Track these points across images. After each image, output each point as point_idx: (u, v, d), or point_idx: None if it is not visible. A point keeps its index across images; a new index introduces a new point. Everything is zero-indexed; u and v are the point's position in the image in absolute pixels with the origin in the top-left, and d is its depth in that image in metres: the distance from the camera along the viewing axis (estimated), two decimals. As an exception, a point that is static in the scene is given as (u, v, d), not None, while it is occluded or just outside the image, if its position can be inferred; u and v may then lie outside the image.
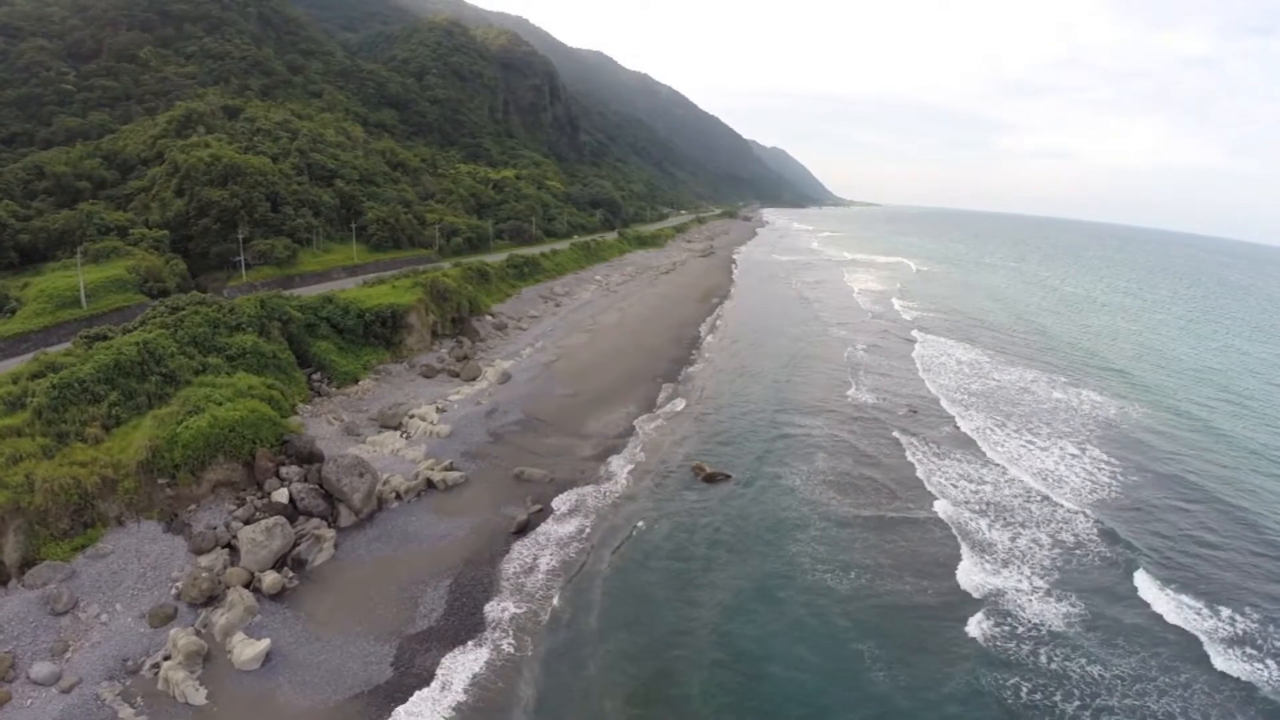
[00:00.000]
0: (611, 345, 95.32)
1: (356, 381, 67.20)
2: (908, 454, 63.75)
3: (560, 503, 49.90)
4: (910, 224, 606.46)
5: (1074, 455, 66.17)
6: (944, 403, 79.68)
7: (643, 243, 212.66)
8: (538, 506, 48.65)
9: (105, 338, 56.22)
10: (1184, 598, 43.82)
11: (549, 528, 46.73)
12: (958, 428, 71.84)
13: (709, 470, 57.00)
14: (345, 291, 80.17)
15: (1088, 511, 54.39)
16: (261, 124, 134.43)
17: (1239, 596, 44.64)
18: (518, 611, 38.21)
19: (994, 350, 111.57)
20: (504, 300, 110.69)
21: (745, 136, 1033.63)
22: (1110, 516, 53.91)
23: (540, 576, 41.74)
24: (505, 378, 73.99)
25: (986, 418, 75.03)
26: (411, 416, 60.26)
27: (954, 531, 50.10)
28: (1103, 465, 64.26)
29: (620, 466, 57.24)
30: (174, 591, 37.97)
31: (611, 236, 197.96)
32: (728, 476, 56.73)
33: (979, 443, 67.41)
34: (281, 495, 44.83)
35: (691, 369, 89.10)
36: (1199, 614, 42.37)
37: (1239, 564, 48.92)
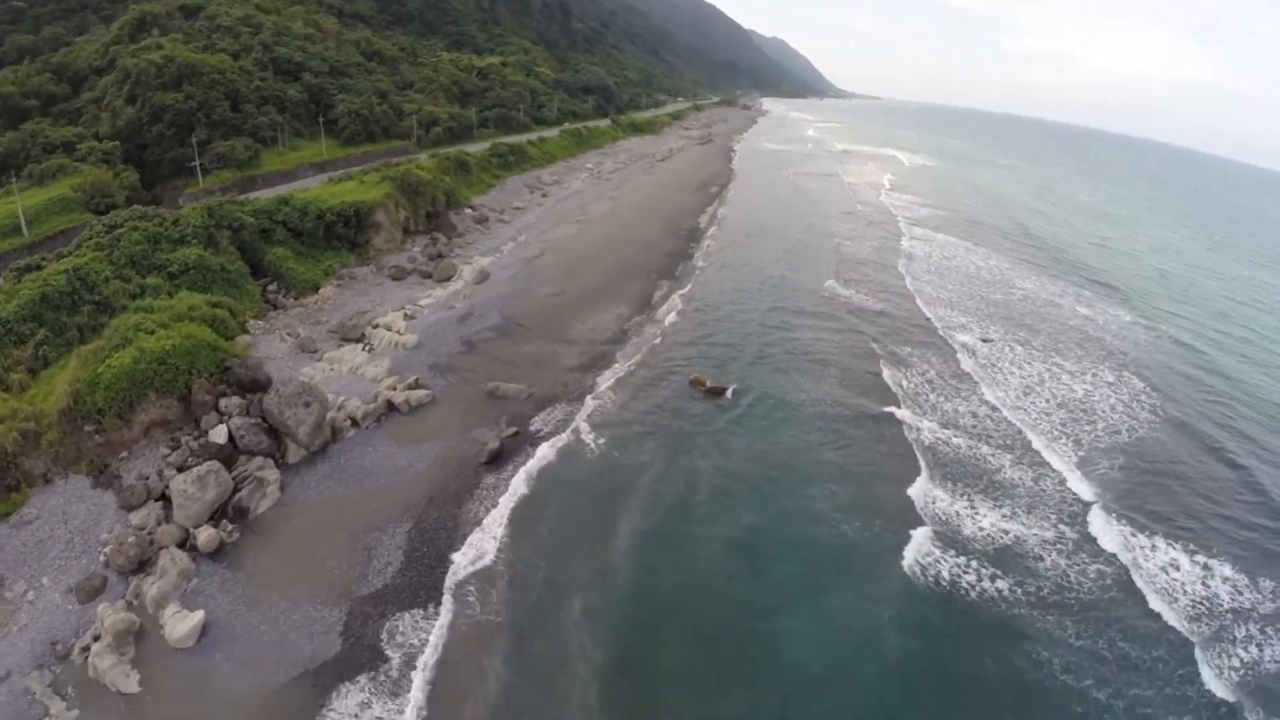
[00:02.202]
0: (602, 238, 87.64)
1: (316, 290, 61.04)
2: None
3: (539, 424, 44.53)
4: (911, 119, 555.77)
5: (1055, 363, 64.14)
6: (957, 314, 74.63)
7: (638, 130, 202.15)
8: (513, 430, 43.18)
9: (38, 268, 50.68)
10: (1138, 537, 40.69)
11: (525, 456, 41.45)
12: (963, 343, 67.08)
13: (709, 383, 51.48)
14: (305, 191, 72.77)
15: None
16: (222, 21, 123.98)
17: (1192, 536, 41.54)
18: (486, 564, 33.44)
19: (986, 247, 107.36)
20: (485, 192, 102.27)
21: (745, 26, 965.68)
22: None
23: (513, 519, 36.69)
24: (483, 277, 67.23)
25: (987, 326, 71.93)
26: (375, 326, 54.40)
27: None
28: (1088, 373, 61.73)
29: (609, 378, 51.65)
30: (103, 558, 33.66)
31: (605, 123, 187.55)
32: (728, 389, 51.59)
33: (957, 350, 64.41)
34: (219, 434, 39.60)
35: (689, 264, 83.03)
36: (1145, 551, 39.73)
37: (1203, 506, 44.96)
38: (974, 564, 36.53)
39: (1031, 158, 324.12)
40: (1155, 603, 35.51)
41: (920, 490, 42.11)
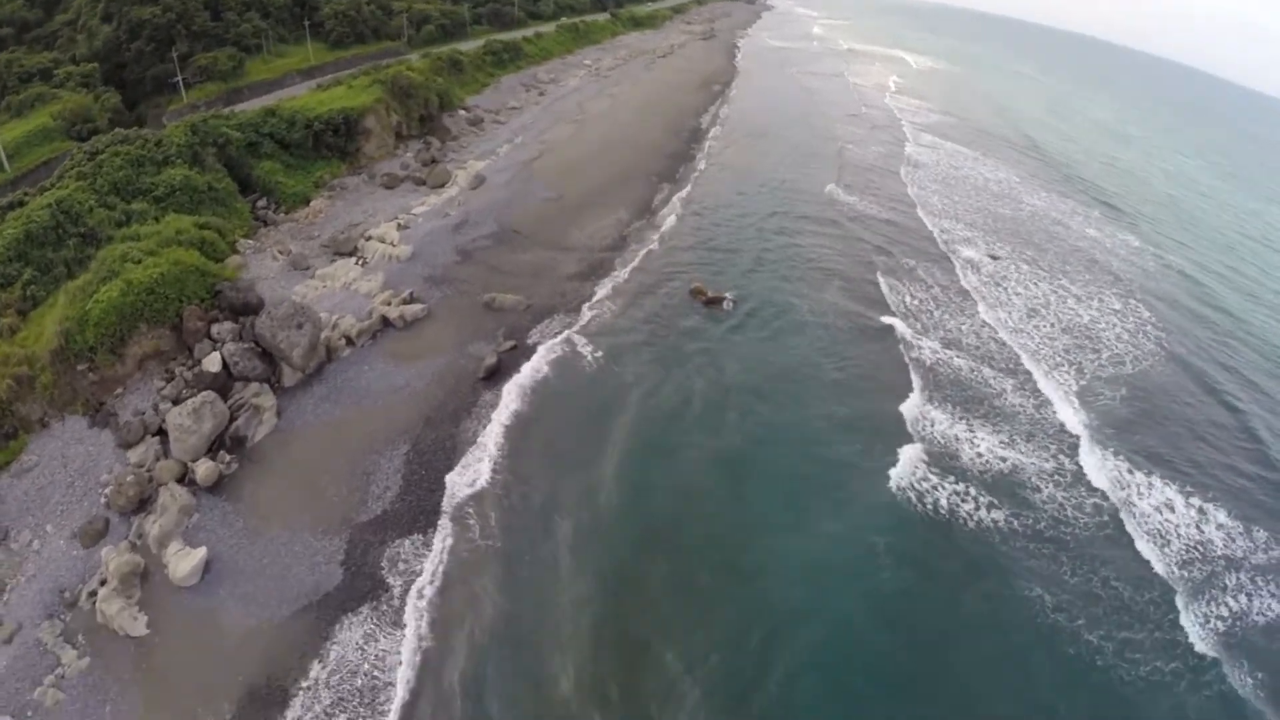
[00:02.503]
0: (601, 138, 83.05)
1: (307, 203, 58.51)
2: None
3: (537, 336, 43.03)
4: (922, 20, 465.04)
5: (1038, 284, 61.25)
6: (961, 227, 71.26)
7: (638, 24, 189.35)
8: (510, 344, 41.57)
9: (21, 204, 48.98)
10: (1134, 475, 39.25)
11: (523, 370, 40.00)
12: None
13: (709, 294, 49.52)
14: (291, 100, 69.14)
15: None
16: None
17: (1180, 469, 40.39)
18: (483, 487, 32.47)
19: (995, 159, 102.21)
20: (480, 92, 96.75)
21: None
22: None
23: (509, 437, 35.63)
24: (478, 181, 63.93)
25: (992, 241, 68.62)
26: (368, 238, 52.22)
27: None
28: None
29: (608, 287, 49.69)
30: (104, 500, 33.31)
31: (603, 18, 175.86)
32: (732, 301, 49.75)
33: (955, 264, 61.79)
34: (213, 362, 38.42)
35: (691, 165, 79.01)
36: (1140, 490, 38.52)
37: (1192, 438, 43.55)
38: (969, 490, 35.76)
39: (1049, 69, 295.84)
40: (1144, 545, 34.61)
41: (914, 408, 41.39)
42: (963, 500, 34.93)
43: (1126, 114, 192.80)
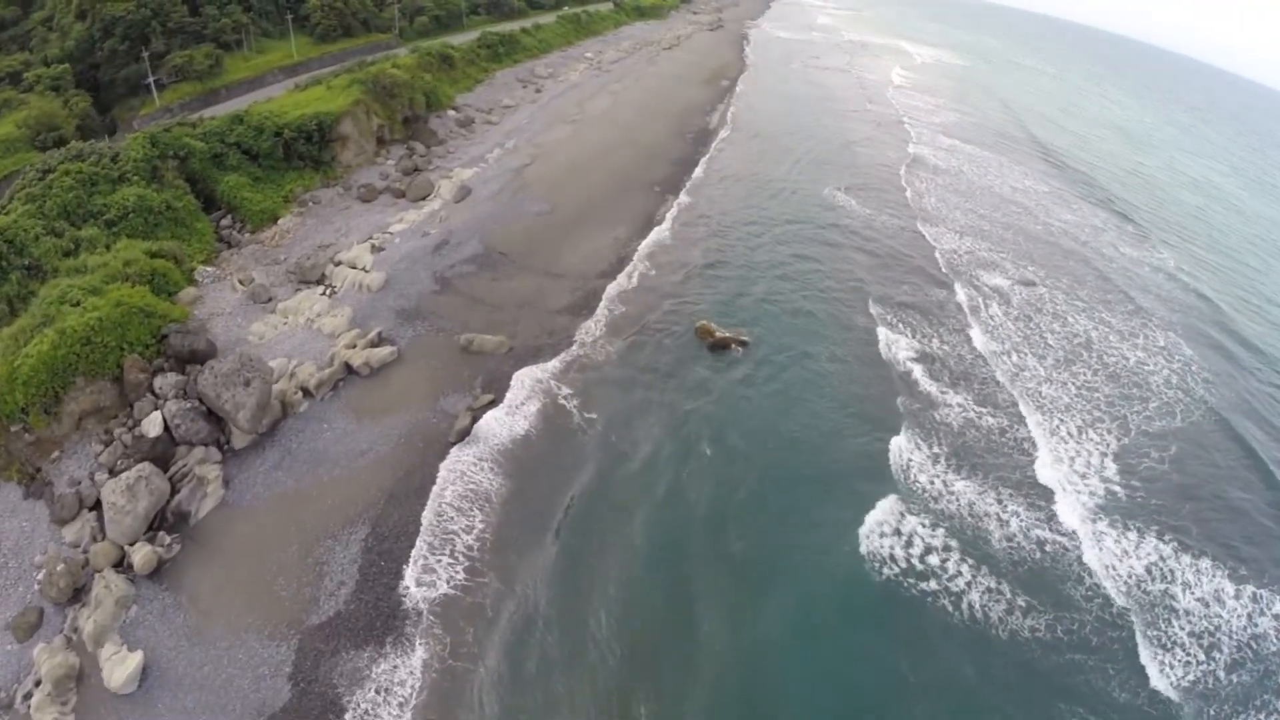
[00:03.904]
0: (600, 141, 77.72)
1: (275, 221, 54.12)
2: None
3: (519, 385, 38.57)
4: (935, 10, 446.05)
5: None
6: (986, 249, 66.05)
7: (643, 14, 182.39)
8: (488, 398, 37.44)
9: (-31, 233, 45.35)
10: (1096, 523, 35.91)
11: (499, 429, 35.77)
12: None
13: (717, 334, 44.20)
14: (263, 104, 64.30)
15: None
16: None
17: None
18: (449, 591, 28.30)
19: (1023, 167, 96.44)
20: (472, 88, 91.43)
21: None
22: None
23: (484, 519, 31.39)
24: (464, 193, 59.34)
25: (1024, 267, 63.19)
26: (338, 264, 48.02)
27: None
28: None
29: (603, 324, 45.09)
30: (37, 586, 29.81)
31: (607, 7, 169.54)
32: (743, 343, 44.40)
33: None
34: (153, 424, 34.56)
35: (698, 174, 73.43)
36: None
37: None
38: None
39: (1062, 63, 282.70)
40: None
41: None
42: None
43: (1147, 115, 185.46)
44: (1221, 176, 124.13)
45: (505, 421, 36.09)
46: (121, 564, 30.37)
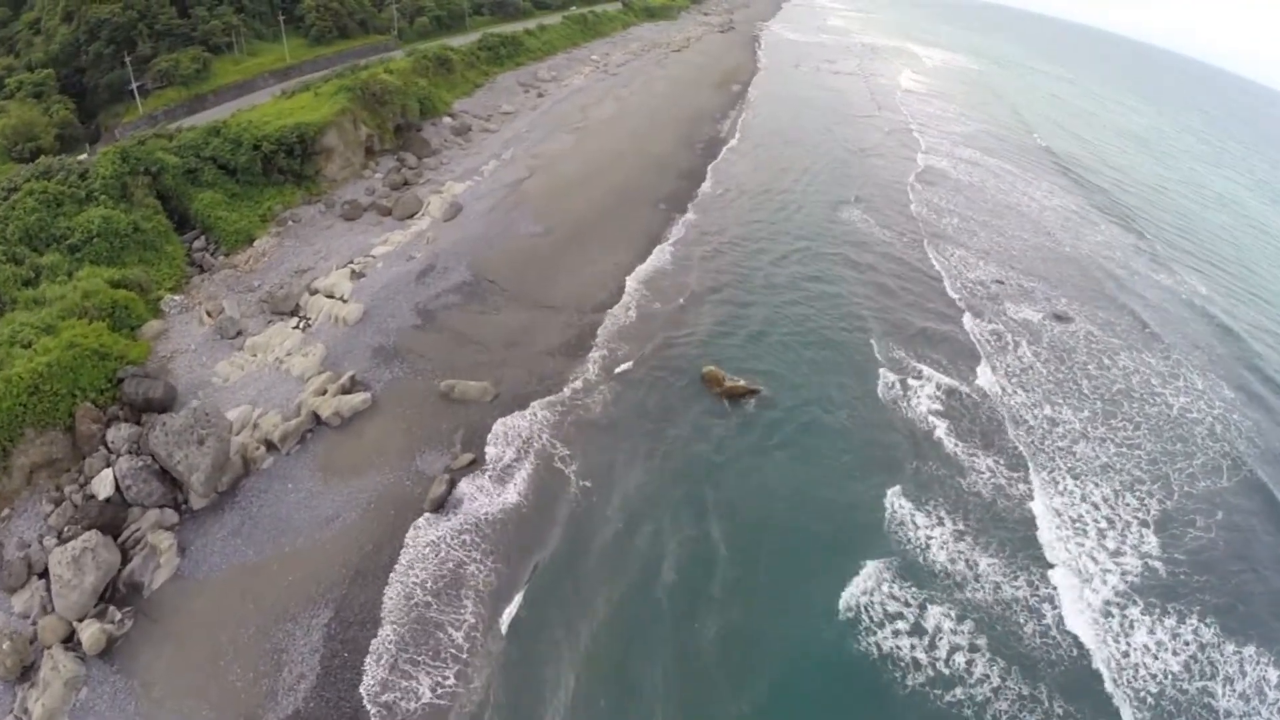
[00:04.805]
0: (604, 152, 73.93)
1: (251, 242, 51.02)
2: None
3: (503, 443, 35.26)
4: (953, 13, 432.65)
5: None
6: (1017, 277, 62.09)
7: (652, 15, 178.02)
8: (469, 457, 34.30)
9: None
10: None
11: (479, 498, 32.65)
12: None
13: (727, 382, 40.32)
14: (244, 114, 60.89)
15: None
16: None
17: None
18: (417, 695, 25.46)
19: (1045, 182, 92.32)
20: (471, 93, 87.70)
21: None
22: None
23: (455, 611, 28.37)
24: (454, 211, 56.12)
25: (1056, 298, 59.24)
26: (314, 292, 44.94)
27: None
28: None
29: (599, 365, 41.68)
30: (-14, 663, 27.38)
31: (615, 7, 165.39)
32: (755, 392, 40.70)
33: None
34: (104, 484, 31.93)
35: (706, 187, 69.49)
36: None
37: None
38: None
39: (1077, 69, 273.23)
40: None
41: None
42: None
43: (1164, 123, 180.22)
44: (1246, 191, 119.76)
45: (487, 488, 32.95)
46: (71, 639, 28.01)
